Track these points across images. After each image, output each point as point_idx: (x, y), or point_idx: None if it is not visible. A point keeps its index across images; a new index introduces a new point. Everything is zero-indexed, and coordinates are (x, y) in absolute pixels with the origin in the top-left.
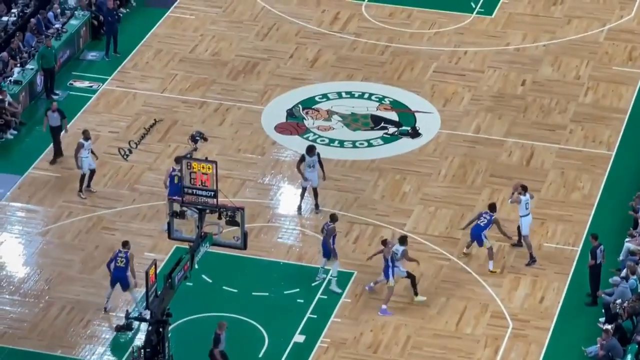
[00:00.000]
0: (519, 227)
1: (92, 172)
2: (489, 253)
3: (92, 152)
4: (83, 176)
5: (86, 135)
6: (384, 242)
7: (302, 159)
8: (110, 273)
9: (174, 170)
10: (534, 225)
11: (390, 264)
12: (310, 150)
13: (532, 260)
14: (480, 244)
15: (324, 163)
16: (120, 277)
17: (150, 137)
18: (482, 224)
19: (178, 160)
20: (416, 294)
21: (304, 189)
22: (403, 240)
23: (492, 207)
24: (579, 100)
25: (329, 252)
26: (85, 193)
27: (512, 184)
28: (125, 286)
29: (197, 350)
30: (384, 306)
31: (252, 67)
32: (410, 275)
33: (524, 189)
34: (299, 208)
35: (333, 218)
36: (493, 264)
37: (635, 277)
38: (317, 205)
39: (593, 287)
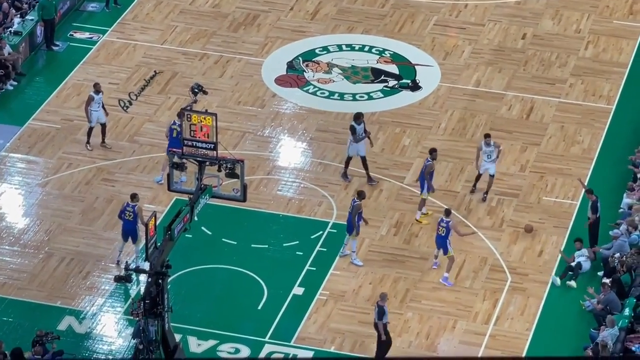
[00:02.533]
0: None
1: (103, 126)
2: (420, 202)
3: (103, 107)
4: (91, 129)
5: (97, 88)
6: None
7: (353, 129)
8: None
9: (174, 123)
10: (532, 179)
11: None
12: (358, 117)
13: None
14: (421, 190)
15: (325, 116)
16: (130, 229)
17: (150, 88)
18: (423, 169)
19: (180, 115)
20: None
21: (350, 158)
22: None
23: (430, 151)
24: (579, 54)
25: (351, 228)
26: (101, 148)
27: (512, 137)
28: (135, 239)
29: (196, 302)
30: (446, 274)
31: (252, 19)
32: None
33: (487, 136)
34: (345, 175)
35: (360, 195)
36: (420, 213)
37: (637, 232)
38: (370, 178)
39: (593, 241)
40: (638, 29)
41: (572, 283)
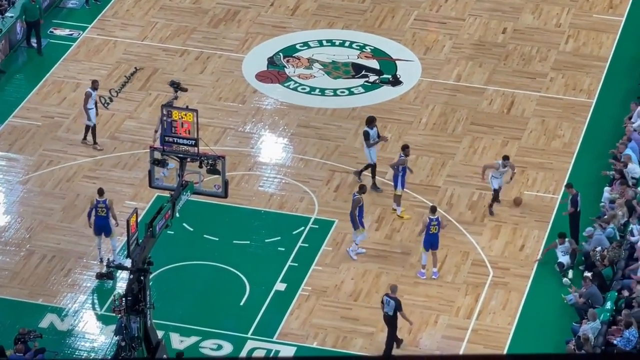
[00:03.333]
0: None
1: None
2: (395, 197)
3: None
4: (93, 129)
5: (95, 85)
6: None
7: (367, 134)
8: (89, 223)
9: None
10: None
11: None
12: (371, 121)
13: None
14: (394, 186)
15: (306, 112)
16: (103, 225)
17: (130, 85)
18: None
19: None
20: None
21: (375, 165)
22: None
23: (403, 148)
24: (560, 48)
25: (354, 223)
26: (82, 145)
27: (493, 131)
28: (108, 233)
29: (178, 299)
30: (435, 269)
31: (233, 15)
32: None
33: (506, 157)
34: (375, 186)
35: (361, 189)
36: (401, 209)
37: (612, 225)
38: (359, 173)
39: (573, 235)
40: (618, 23)
41: (570, 275)
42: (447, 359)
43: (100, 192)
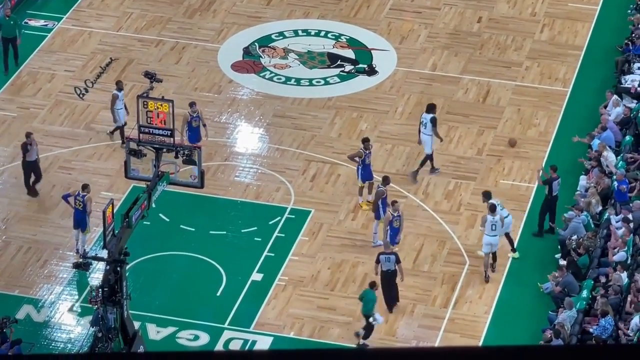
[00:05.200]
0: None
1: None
2: (360, 189)
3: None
4: (120, 129)
5: (119, 86)
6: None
7: (435, 121)
8: (67, 202)
9: (191, 115)
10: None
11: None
12: (434, 107)
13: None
14: (357, 177)
15: (282, 102)
16: (79, 218)
17: (106, 76)
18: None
19: (192, 104)
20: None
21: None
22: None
23: (363, 141)
24: (535, 37)
25: (378, 214)
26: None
27: (468, 120)
28: (84, 228)
29: (155, 289)
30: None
31: (208, 5)
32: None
33: (492, 209)
34: (434, 169)
35: (385, 180)
36: (361, 199)
37: (585, 213)
38: (415, 173)
39: (541, 219)
40: (593, 12)
41: (515, 254)
42: (424, 351)
43: (84, 187)
